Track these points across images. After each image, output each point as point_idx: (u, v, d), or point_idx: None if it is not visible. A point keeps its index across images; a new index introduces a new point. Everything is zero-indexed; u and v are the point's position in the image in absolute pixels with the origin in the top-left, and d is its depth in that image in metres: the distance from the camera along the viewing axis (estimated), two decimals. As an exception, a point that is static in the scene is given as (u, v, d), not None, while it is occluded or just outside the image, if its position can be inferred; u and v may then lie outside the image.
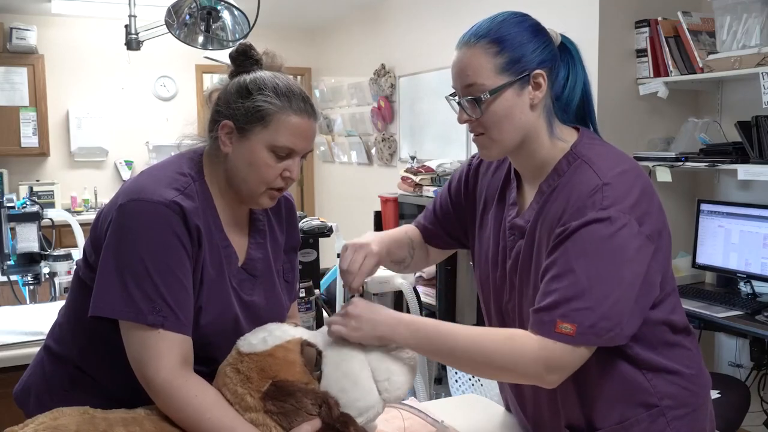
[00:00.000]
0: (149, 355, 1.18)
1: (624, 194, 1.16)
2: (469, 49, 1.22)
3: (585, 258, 1.13)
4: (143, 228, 1.20)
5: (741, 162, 2.96)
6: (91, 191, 6.18)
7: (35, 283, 2.70)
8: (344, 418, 1.21)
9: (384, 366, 1.26)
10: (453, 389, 3.46)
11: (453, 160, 4.64)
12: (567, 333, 1.11)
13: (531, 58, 1.21)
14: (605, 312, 1.12)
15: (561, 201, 1.21)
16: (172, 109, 6.50)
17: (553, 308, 1.13)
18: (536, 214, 1.26)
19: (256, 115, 1.26)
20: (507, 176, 1.39)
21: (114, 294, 1.19)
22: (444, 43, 4.97)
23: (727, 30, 3.04)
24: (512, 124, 1.23)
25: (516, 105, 1.22)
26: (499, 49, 1.20)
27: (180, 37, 2.86)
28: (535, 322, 1.15)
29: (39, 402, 1.33)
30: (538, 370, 1.14)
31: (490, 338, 1.20)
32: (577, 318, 1.11)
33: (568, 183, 1.22)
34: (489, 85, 1.20)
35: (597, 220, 1.14)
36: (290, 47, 6.63)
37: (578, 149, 1.25)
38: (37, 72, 5.78)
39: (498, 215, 1.38)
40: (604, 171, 1.19)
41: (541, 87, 1.22)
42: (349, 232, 3.40)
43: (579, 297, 1.12)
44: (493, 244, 1.39)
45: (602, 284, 1.12)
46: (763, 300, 2.93)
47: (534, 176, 1.30)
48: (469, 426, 1.52)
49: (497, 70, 1.20)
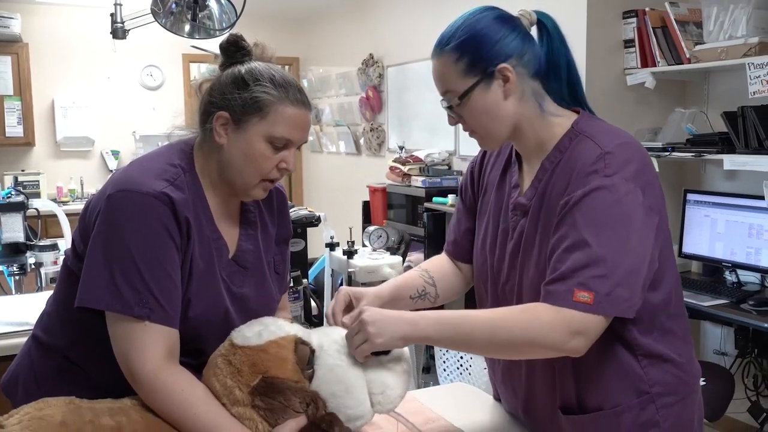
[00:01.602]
0: (135, 347, 1.17)
1: (626, 163, 1.18)
2: (438, 59, 1.27)
3: (594, 226, 1.14)
4: (131, 219, 1.19)
5: (727, 152, 2.98)
6: (78, 181, 6.14)
7: (21, 273, 2.68)
8: (330, 417, 1.21)
9: (381, 379, 1.24)
10: (441, 378, 3.48)
11: (441, 150, 4.65)
12: (585, 301, 1.12)
13: (493, 54, 1.23)
14: (620, 280, 1.13)
15: (564, 174, 1.23)
16: (159, 98, 6.45)
17: (568, 278, 1.14)
18: (539, 191, 1.28)
19: (254, 106, 1.25)
20: (508, 160, 1.41)
21: (100, 285, 1.18)
22: (432, 33, 4.92)
23: (714, 20, 3.05)
24: (492, 119, 1.26)
25: (488, 101, 1.25)
26: (459, 55, 1.24)
27: (166, 25, 2.84)
28: (551, 293, 1.15)
29: (26, 391, 1.33)
30: (562, 337, 1.13)
31: (507, 315, 1.19)
32: (594, 286, 1.12)
33: (570, 157, 1.24)
34: (458, 91, 1.25)
35: (602, 187, 1.16)
36: (278, 36, 6.60)
37: (579, 126, 1.27)
38: (21, 61, 5.72)
39: (498, 199, 1.40)
40: (605, 142, 1.21)
41: (510, 78, 1.24)
42: (338, 221, 3.40)
43: (593, 265, 1.13)
44: (492, 227, 1.40)
45: (614, 252, 1.13)
46: (748, 289, 2.96)
47: (535, 156, 1.31)
48: (458, 414, 1.53)
49: (462, 75, 1.24)
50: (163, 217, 1.20)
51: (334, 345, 1.25)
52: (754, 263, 2.93)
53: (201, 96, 1.33)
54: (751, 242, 2.94)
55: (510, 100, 1.25)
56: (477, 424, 1.48)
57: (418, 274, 1.50)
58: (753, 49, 2.85)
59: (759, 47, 2.84)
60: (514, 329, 1.16)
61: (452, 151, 4.64)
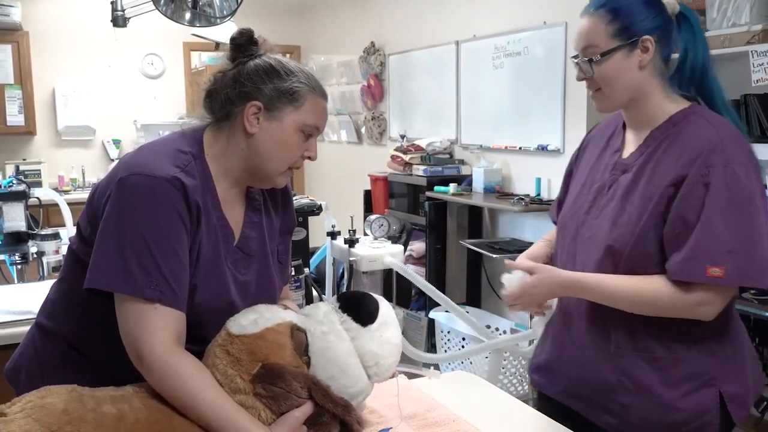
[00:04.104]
0: (144, 329, 1.17)
1: (742, 147, 1.34)
2: (590, 17, 1.41)
3: (721, 206, 1.29)
4: (144, 202, 1.20)
5: (729, 140, 2.96)
6: (79, 170, 6.14)
7: (23, 262, 2.68)
8: (345, 402, 1.22)
9: (371, 351, 1.26)
10: (443, 366, 3.49)
11: (443, 139, 4.64)
12: (717, 276, 1.29)
13: (641, 26, 1.38)
14: (749, 254, 1.29)
15: (677, 146, 1.37)
16: (160, 87, 6.43)
17: (701, 256, 1.29)
18: (646, 155, 1.42)
19: (291, 97, 1.30)
20: (613, 131, 1.55)
21: (111, 267, 1.18)
22: (433, 21, 4.94)
23: (717, 8, 3.03)
24: (621, 83, 1.40)
25: (625, 66, 1.39)
26: (612, 17, 1.38)
27: (167, 13, 2.83)
28: (683, 269, 1.31)
29: (30, 379, 1.33)
30: (689, 310, 1.32)
31: (646, 285, 1.35)
32: (724, 261, 1.28)
33: (683, 130, 1.38)
34: (602, 48, 1.38)
35: (727, 169, 1.30)
36: (279, 24, 6.57)
37: (694, 108, 1.42)
38: (21, 49, 5.70)
39: (598, 161, 1.54)
40: (719, 126, 1.36)
41: (649, 51, 1.38)
42: (339, 210, 3.40)
43: (722, 242, 1.28)
44: (587, 183, 1.54)
45: (740, 229, 1.29)
46: (749, 277, 2.96)
47: (644, 127, 1.45)
48: (460, 402, 1.53)
49: (610, 35, 1.38)
50: (175, 201, 1.21)
51: (319, 327, 1.26)
52: (755, 252, 2.93)
53: (213, 85, 1.34)
54: (753, 231, 2.93)
55: (642, 72, 1.39)
56: (478, 413, 1.49)
57: (544, 243, 1.69)
58: (756, 36, 2.83)
59: (762, 35, 2.82)
60: (654, 297, 1.34)
61: (454, 140, 4.63)
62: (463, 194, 4.19)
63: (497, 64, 4.22)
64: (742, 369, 1.43)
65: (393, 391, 1.51)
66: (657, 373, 1.39)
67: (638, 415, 1.41)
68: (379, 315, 1.30)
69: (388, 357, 1.28)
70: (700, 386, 1.38)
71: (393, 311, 1.34)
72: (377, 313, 1.30)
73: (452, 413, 1.48)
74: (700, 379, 1.38)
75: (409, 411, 1.48)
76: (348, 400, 1.24)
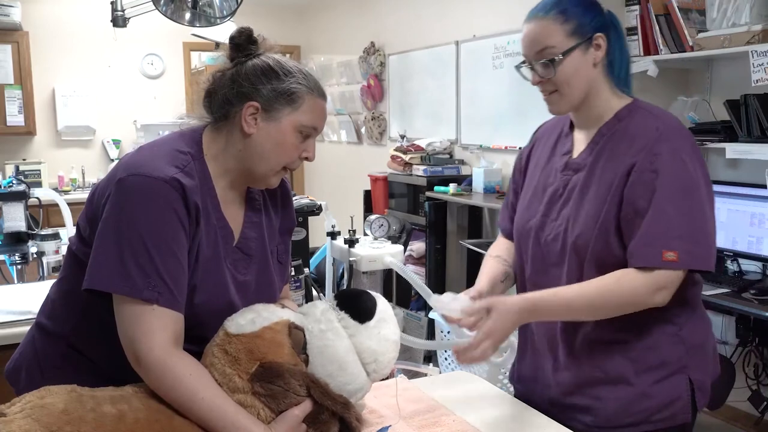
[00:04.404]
0: (142, 331, 1.17)
1: (686, 141, 1.39)
2: (541, 21, 1.43)
3: (672, 196, 1.34)
4: (142, 203, 1.20)
5: (729, 141, 2.97)
6: (79, 170, 6.14)
7: (23, 262, 2.68)
8: (344, 400, 1.22)
9: (369, 348, 1.26)
10: (442, 366, 3.49)
11: (443, 139, 4.64)
12: (671, 260, 1.33)
13: (591, 24, 1.42)
14: (697, 239, 1.34)
15: (624, 140, 1.42)
16: (160, 87, 6.43)
17: (656, 242, 1.33)
18: (596, 152, 1.46)
19: (289, 97, 1.29)
20: (560, 133, 1.59)
21: (110, 268, 1.18)
22: (433, 21, 4.94)
23: (717, 8, 3.03)
24: (579, 81, 1.43)
25: (582, 63, 1.42)
26: (566, 18, 1.41)
27: (167, 13, 2.83)
28: (643, 255, 1.34)
29: (30, 380, 1.33)
30: (650, 295, 1.34)
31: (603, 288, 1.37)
32: (677, 246, 1.33)
33: (629, 125, 1.43)
34: (561, 48, 1.41)
35: (672, 159, 1.35)
36: (279, 24, 6.57)
37: (637, 103, 1.48)
38: (21, 49, 5.70)
39: (548, 165, 1.57)
40: (662, 118, 1.42)
41: (601, 48, 1.43)
42: (339, 210, 3.40)
43: (674, 228, 1.33)
44: (540, 189, 1.56)
45: (689, 215, 1.34)
46: (749, 278, 2.96)
47: (592, 125, 1.49)
48: (459, 402, 1.53)
49: (566, 35, 1.41)
50: (174, 202, 1.21)
51: (317, 325, 1.26)
52: (755, 252, 2.93)
53: (212, 85, 1.33)
54: (753, 231, 2.94)
55: (595, 69, 1.44)
56: (478, 413, 1.49)
57: (497, 262, 1.66)
58: (756, 36, 2.83)
59: (762, 35, 2.82)
60: (611, 299, 1.36)
61: (454, 140, 4.63)
62: (463, 194, 4.19)
63: (497, 64, 4.22)
64: (706, 357, 1.48)
65: (393, 391, 1.51)
66: (631, 363, 1.42)
67: (613, 406, 1.43)
68: (377, 312, 1.30)
69: (387, 353, 1.28)
70: (672, 373, 1.42)
71: (390, 308, 1.34)
72: (375, 310, 1.30)
73: (452, 413, 1.48)
74: (672, 367, 1.42)
75: (409, 411, 1.48)
76: (347, 398, 1.24)
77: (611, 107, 1.47)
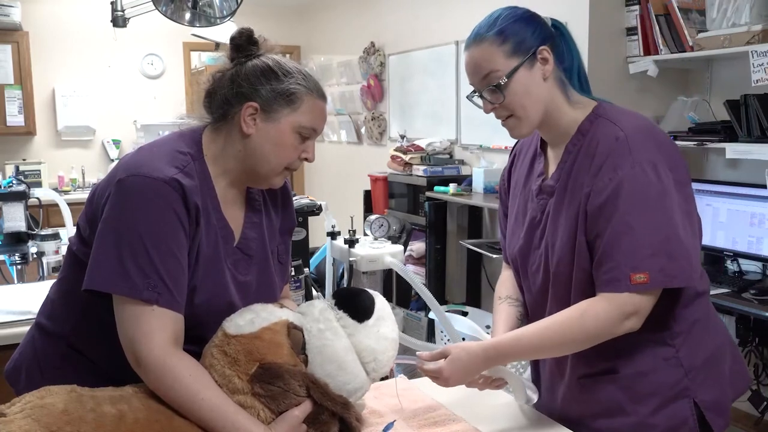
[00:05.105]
0: (142, 331, 1.17)
1: (647, 142, 1.30)
2: (478, 46, 1.36)
3: (634, 211, 1.25)
4: (142, 204, 1.20)
5: (729, 141, 2.96)
6: (79, 170, 6.14)
7: (23, 262, 2.68)
8: (343, 400, 1.22)
9: (369, 347, 1.26)
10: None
11: (443, 139, 4.64)
12: (641, 282, 1.23)
13: (533, 39, 1.34)
14: (670, 253, 1.24)
15: (587, 156, 1.34)
16: (160, 87, 6.43)
17: (622, 264, 1.24)
18: (565, 172, 1.39)
19: (288, 98, 1.29)
20: (534, 152, 1.51)
21: (109, 268, 1.18)
22: (433, 21, 4.94)
23: (717, 8, 3.03)
24: (532, 99, 1.36)
25: (531, 81, 1.35)
26: (504, 38, 1.34)
27: (167, 13, 2.83)
28: (608, 280, 1.26)
29: (30, 380, 1.33)
30: (614, 326, 1.26)
31: (565, 325, 1.29)
32: (646, 265, 1.23)
33: (592, 138, 1.35)
34: (504, 70, 1.33)
35: (632, 171, 1.26)
36: (279, 24, 6.57)
37: (598, 110, 1.39)
38: (21, 49, 5.70)
39: (526, 190, 1.50)
40: (623, 123, 1.33)
41: (548, 61, 1.35)
42: (339, 210, 3.40)
43: (642, 246, 1.23)
44: (521, 216, 1.49)
45: (658, 230, 1.24)
46: (749, 278, 2.96)
47: (561, 141, 1.41)
48: (459, 403, 1.53)
49: (507, 56, 1.34)
50: (174, 202, 1.21)
51: (316, 324, 1.26)
52: (755, 252, 2.93)
53: (212, 85, 1.33)
54: (753, 231, 2.94)
55: (547, 83, 1.36)
56: (478, 413, 1.49)
57: (507, 305, 1.57)
58: (756, 36, 2.83)
59: (762, 35, 2.82)
60: (578, 335, 1.28)
61: (454, 140, 4.63)
62: (463, 194, 4.19)
63: (497, 64, 4.21)
64: (718, 374, 1.38)
65: (393, 392, 1.51)
66: (623, 392, 1.35)
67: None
68: (375, 310, 1.30)
69: (386, 352, 1.28)
70: (672, 398, 1.33)
71: (389, 306, 1.34)
72: (373, 308, 1.30)
73: (452, 413, 1.48)
74: (671, 392, 1.33)
75: (409, 411, 1.48)
76: (346, 397, 1.24)
77: (574, 119, 1.38)
